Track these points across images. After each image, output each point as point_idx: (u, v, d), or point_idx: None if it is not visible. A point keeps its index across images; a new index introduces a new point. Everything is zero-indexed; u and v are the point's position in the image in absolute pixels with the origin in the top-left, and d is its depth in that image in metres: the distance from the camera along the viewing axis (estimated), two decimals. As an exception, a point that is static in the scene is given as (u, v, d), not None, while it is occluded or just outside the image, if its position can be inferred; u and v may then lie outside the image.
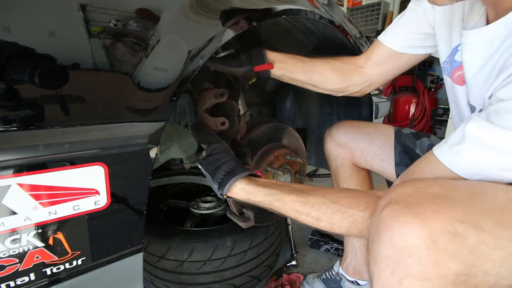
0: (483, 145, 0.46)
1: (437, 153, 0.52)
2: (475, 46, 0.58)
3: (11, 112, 0.38)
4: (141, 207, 0.54)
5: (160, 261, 0.91)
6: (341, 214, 0.55)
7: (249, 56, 0.74)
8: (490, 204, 0.43)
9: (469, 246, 0.39)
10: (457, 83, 0.70)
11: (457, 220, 0.39)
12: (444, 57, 0.72)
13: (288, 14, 0.71)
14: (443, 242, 0.39)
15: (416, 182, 0.46)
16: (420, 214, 0.40)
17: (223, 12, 0.57)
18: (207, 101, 0.70)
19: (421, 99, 2.94)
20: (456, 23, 0.67)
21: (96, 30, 0.43)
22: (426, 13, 0.73)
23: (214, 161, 0.66)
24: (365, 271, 1.01)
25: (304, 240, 1.41)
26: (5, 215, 0.40)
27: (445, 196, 0.43)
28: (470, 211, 0.41)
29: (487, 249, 0.39)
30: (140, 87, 0.48)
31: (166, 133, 0.99)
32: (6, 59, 0.37)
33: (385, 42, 0.81)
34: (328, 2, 0.95)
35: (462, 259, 0.39)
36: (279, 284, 1.09)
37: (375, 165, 0.90)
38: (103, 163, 0.46)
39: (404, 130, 0.90)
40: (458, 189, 0.45)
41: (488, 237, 0.39)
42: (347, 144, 0.92)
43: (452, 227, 0.39)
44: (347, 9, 3.76)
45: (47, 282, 0.46)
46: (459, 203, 0.42)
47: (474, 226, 0.39)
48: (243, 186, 0.64)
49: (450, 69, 0.70)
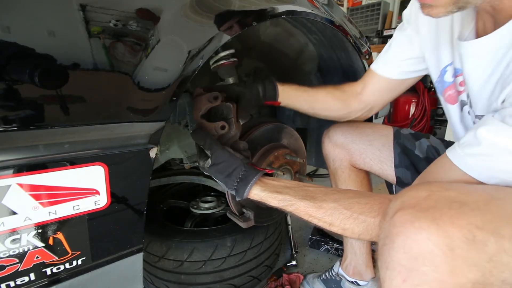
0: (501, 147, 0.45)
1: (451, 156, 0.51)
2: (479, 56, 0.57)
3: (11, 112, 0.38)
4: (141, 207, 0.54)
5: (160, 261, 0.91)
6: (353, 220, 0.54)
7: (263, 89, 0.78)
8: (508, 210, 0.41)
9: (488, 254, 0.37)
10: (448, 102, 0.71)
11: (475, 226, 0.38)
12: (435, 78, 0.73)
13: (288, 14, 0.71)
14: (461, 250, 0.37)
15: (430, 185, 0.45)
16: (437, 219, 0.38)
17: (222, 12, 0.57)
18: (202, 107, 0.69)
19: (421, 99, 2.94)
20: (443, 42, 0.67)
21: (96, 30, 0.43)
22: (411, 40, 0.76)
23: (223, 169, 0.65)
24: (364, 271, 1.01)
25: (304, 240, 1.41)
26: (5, 215, 0.40)
27: (462, 200, 0.41)
28: (489, 217, 0.39)
29: (506, 257, 0.37)
30: (140, 87, 0.48)
31: (166, 133, 0.99)
32: (6, 59, 0.37)
33: (378, 72, 0.83)
34: (328, 2, 0.95)
35: (480, 267, 0.37)
36: (279, 284, 1.09)
37: (374, 166, 0.90)
38: (103, 163, 0.46)
39: (403, 130, 0.90)
40: (475, 194, 0.43)
41: (508, 244, 0.38)
42: (345, 145, 0.92)
43: (471, 233, 0.37)
44: (347, 9, 3.76)
45: (47, 282, 0.46)
46: (477, 208, 0.40)
47: (493, 233, 0.38)
48: (258, 193, 0.64)
49: (441, 89, 0.71)
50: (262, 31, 1.01)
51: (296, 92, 0.83)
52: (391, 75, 0.81)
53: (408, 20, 0.76)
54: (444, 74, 0.68)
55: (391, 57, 0.80)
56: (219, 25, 0.56)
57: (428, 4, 0.52)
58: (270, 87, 0.79)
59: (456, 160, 0.50)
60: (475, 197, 0.42)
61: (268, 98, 0.79)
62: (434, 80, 0.74)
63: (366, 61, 1.04)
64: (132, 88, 0.47)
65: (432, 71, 0.74)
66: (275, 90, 0.79)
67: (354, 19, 3.59)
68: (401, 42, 0.78)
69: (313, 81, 1.17)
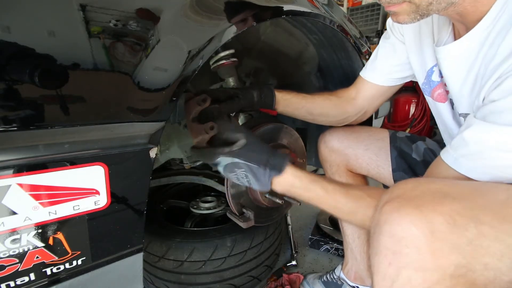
0: (487, 146, 0.47)
1: (445, 158, 0.54)
2: (454, 60, 0.61)
3: (11, 112, 0.38)
4: (141, 207, 0.54)
5: (160, 261, 0.91)
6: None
7: (259, 95, 0.78)
8: (490, 200, 0.44)
9: (468, 238, 0.39)
10: (438, 101, 0.73)
11: (456, 213, 0.40)
12: (422, 80, 0.75)
13: (289, 14, 0.71)
14: (441, 233, 0.39)
15: (418, 179, 0.47)
16: (420, 206, 0.41)
17: (222, 13, 0.57)
18: (192, 110, 0.70)
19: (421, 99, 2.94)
20: (426, 46, 0.71)
21: (96, 30, 0.43)
22: (395, 48, 0.80)
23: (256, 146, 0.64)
24: (366, 277, 1.00)
25: (304, 240, 1.41)
26: (5, 215, 0.40)
27: (446, 191, 0.43)
28: (470, 205, 0.42)
29: (486, 241, 0.39)
30: (140, 87, 0.48)
31: (166, 133, 0.99)
32: (6, 59, 0.37)
33: (367, 78, 0.86)
34: (328, 2, 0.95)
35: (460, 250, 0.39)
36: (279, 284, 1.09)
37: (371, 171, 0.90)
38: (103, 163, 0.46)
39: (399, 133, 0.90)
40: (459, 186, 0.46)
41: (487, 229, 0.40)
42: (341, 150, 0.92)
43: (452, 219, 0.40)
44: (347, 9, 3.76)
45: (47, 282, 0.46)
46: (460, 198, 0.42)
47: (473, 219, 0.40)
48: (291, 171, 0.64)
49: (429, 89, 0.73)
50: (262, 31, 1.01)
51: (295, 98, 0.84)
52: (379, 82, 0.84)
53: (392, 28, 0.80)
54: (431, 75, 0.71)
55: (377, 65, 0.84)
56: (219, 25, 0.56)
57: (393, 11, 0.55)
58: (267, 94, 0.79)
59: (450, 161, 0.53)
60: (458, 188, 0.45)
61: (264, 106, 0.80)
62: (420, 82, 0.76)
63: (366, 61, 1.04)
64: (132, 88, 0.47)
65: (419, 73, 0.76)
66: (273, 98, 0.80)
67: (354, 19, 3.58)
68: (386, 50, 0.82)
69: (313, 81, 1.17)
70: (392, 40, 0.80)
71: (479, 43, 0.54)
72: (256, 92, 0.78)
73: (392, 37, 0.80)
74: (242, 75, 1.16)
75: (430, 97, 0.75)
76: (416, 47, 0.74)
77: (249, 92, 0.77)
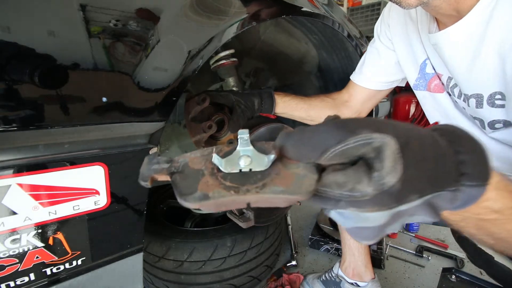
0: None
1: None
2: (456, 41, 0.60)
3: (11, 112, 0.38)
4: (141, 207, 0.53)
5: (160, 261, 0.91)
6: None
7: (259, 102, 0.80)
8: None
9: None
10: (437, 92, 0.74)
11: None
12: (414, 76, 0.77)
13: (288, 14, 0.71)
14: None
15: None
16: None
17: (221, 13, 0.57)
18: (191, 110, 0.71)
19: (421, 99, 2.94)
20: (415, 42, 0.72)
21: (96, 30, 0.43)
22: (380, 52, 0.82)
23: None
24: (364, 273, 1.01)
25: (304, 240, 1.41)
26: (5, 215, 0.40)
27: None
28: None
29: None
30: (140, 87, 0.48)
31: (166, 133, 0.99)
32: (6, 59, 0.37)
33: (357, 82, 0.89)
34: (328, 2, 0.95)
35: None
36: (279, 284, 1.09)
37: None
38: (103, 163, 0.46)
39: None
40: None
41: None
42: None
43: None
44: (347, 9, 3.76)
45: (47, 282, 0.46)
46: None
47: None
48: None
49: (425, 82, 0.75)
50: (262, 31, 1.01)
51: (292, 101, 0.87)
52: (367, 86, 0.87)
53: (379, 34, 0.83)
54: (425, 68, 0.73)
55: (364, 69, 0.87)
56: (219, 25, 0.56)
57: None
58: (267, 101, 0.81)
59: None
60: None
61: (264, 111, 0.82)
62: (414, 79, 0.78)
63: (366, 61, 1.04)
64: (132, 88, 0.47)
65: (410, 70, 0.77)
66: (273, 104, 0.82)
67: (354, 19, 3.58)
68: (372, 56, 0.85)
69: (313, 81, 1.17)
70: (376, 44, 0.83)
71: (483, 21, 0.54)
72: (257, 99, 0.79)
73: (377, 42, 0.83)
74: (242, 75, 1.16)
75: (426, 91, 0.76)
76: (406, 46, 0.76)
77: (250, 99, 0.78)
